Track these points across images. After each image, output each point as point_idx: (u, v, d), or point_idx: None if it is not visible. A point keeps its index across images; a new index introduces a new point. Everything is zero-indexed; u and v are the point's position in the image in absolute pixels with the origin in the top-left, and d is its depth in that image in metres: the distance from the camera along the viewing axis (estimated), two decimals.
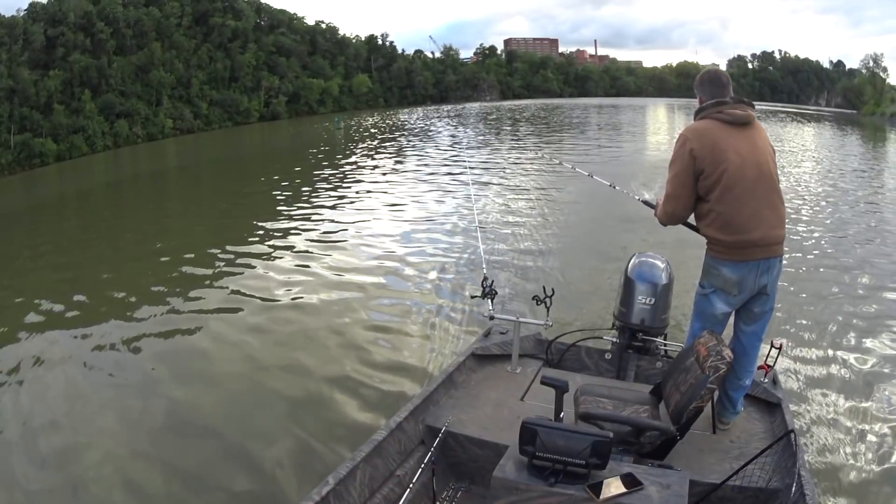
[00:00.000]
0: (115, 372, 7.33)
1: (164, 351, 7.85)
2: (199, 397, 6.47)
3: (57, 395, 6.72)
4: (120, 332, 8.52)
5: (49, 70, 55.49)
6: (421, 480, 3.53)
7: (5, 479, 5.20)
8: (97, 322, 9.14)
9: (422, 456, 3.84)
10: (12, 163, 47.74)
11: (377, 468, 3.63)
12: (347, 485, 3.35)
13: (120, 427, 5.95)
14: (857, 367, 6.82)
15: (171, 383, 6.85)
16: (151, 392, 6.64)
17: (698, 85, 4.12)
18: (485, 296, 5.15)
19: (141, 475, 5.15)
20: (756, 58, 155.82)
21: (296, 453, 5.29)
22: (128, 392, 6.68)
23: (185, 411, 6.18)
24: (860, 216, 14.95)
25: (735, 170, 3.82)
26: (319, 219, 15.33)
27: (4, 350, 8.27)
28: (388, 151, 32.70)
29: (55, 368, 7.51)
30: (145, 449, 5.52)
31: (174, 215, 20.23)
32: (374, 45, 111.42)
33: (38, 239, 17.60)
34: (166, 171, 38.41)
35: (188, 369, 7.23)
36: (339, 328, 8.01)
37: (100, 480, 5.16)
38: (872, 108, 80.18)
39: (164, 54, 68.75)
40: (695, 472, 3.51)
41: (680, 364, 3.95)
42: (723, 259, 3.97)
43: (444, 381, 4.58)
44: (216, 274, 11.22)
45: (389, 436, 3.79)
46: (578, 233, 12.89)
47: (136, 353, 7.93)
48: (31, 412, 6.35)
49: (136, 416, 6.13)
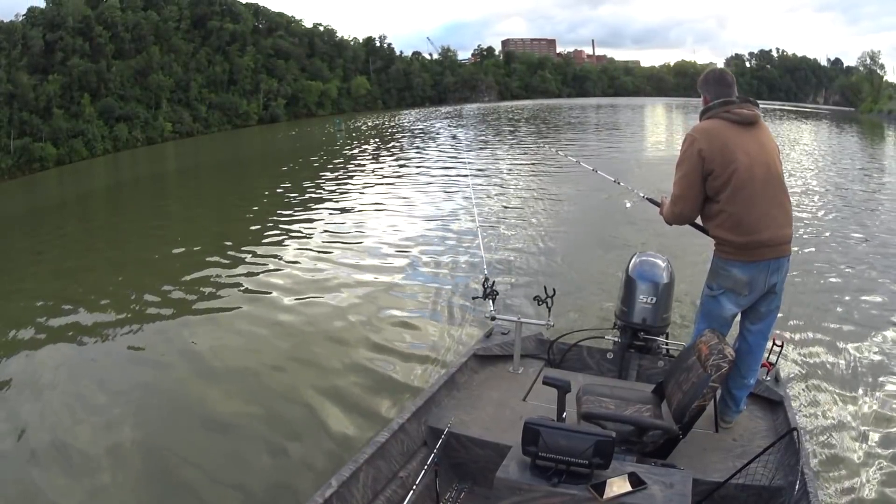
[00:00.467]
0: (117, 372, 7.37)
1: (171, 350, 7.87)
2: (204, 396, 6.49)
3: (60, 399, 6.74)
4: (123, 335, 8.59)
5: (48, 74, 55.68)
6: (424, 482, 3.55)
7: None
8: (99, 323, 9.21)
9: (424, 457, 3.84)
10: (12, 167, 47.86)
11: (380, 470, 3.62)
12: (350, 487, 3.35)
13: (127, 424, 5.97)
14: (861, 363, 6.81)
15: (179, 381, 6.93)
16: (159, 390, 6.72)
17: (703, 84, 4.06)
18: (486, 296, 5.16)
19: (146, 471, 5.20)
20: (754, 56, 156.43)
21: (292, 457, 5.26)
22: (135, 394, 6.68)
23: (186, 411, 6.21)
24: (862, 212, 14.97)
25: (744, 170, 3.78)
26: (320, 221, 15.37)
27: (5, 352, 8.33)
28: (388, 153, 32.77)
29: (56, 370, 7.55)
30: (156, 444, 5.55)
31: (176, 218, 20.22)
32: (372, 48, 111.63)
33: (39, 242, 17.67)
34: (167, 174, 38.62)
35: (192, 368, 7.26)
36: (338, 330, 8.01)
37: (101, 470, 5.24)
38: (870, 106, 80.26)
39: (163, 58, 68.94)
40: (698, 471, 3.51)
41: (682, 363, 3.96)
42: (732, 260, 3.94)
43: (447, 381, 4.57)
44: (217, 275, 11.24)
45: (392, 437, 3.78)
46: (579, 232, 12.90)
47: (140, 354, 7.97)
48: (27, 421, 6.32)
49: (141, 415, 6.15)
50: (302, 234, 14.01)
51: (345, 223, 14.80)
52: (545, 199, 16.38)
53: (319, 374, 6.80)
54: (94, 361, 7.89)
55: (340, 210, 16.74)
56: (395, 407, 5.77)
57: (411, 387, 6.28)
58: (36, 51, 56.09)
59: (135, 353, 8.02)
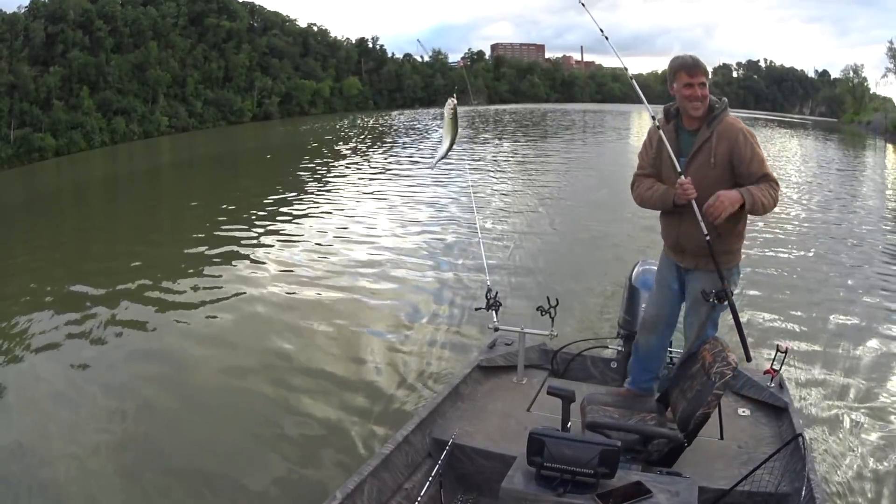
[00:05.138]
0: (101, 364, 7.57)
1: (153, 347, 8.06)
2: (195, 401, 6.57)
3: (47, 389, 6.88)
4: (110, 324, 8.83)
5: (49, 66, 56.27)
6: (429, 493, 3.54)
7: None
8: (87, 311, 9.46)
9: (429, 469, 3.82)
10: (12, 157, 48.38)
11: (385, 482, 3.62)
12: (355, 499, 3.33)
13: (109, 421, 6.08)
14: (864, 368, 6.92)
15: (169, 375, 7.13)
16: (148, 389, 6.81)
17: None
18: (489, 307, 5.18)
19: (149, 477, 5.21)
20: (741, 66, 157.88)
21: (290, 469, 5.24)
22: (117, 388, 6.81)
23: (181, 413, 6.28)
24: (857, 218, 15.72)
25: None
26: (320, 228, 15.10)
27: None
28: (385, 155, 33.17)
29: (41, 357, 7.85)
30: (151, 449, 5.60)
31: (171, 209, 20.74)
32: (365, 48, 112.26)
33: (36, 230, 17.98)
34: (163, 167, 39.51)
35: (174, 369, 7.34)
36: (341, 340, 7.99)
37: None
38: (851, 117, 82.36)
39: (161, 53, 69.60)
40: (703, 479, 3.51)
41: (685, 371, 3.96)
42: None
43: (451, 393, 4.56)
44: (210, 271, 11.43)
45: (396, 449, 3.78)
46: (583, 240, 13.08)
47: (126, 344, 8.23)
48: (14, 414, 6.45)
49: (123, 413, 6.22)
50: (298, 241, 13.71)
51: (343, 231, 14.55)
52: (549, 206, 16.51)
53: (318, 384, 6.77)
54: (70, 349, 8.10)
55: (338, 216, 16.37)
56: (399, 419, 5.64)
57: (415, 398, 6.28)
58: (37, 42, 56.69)
59: (110, 346, 8.19)
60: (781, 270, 10.88)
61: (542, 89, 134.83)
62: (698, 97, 3.96)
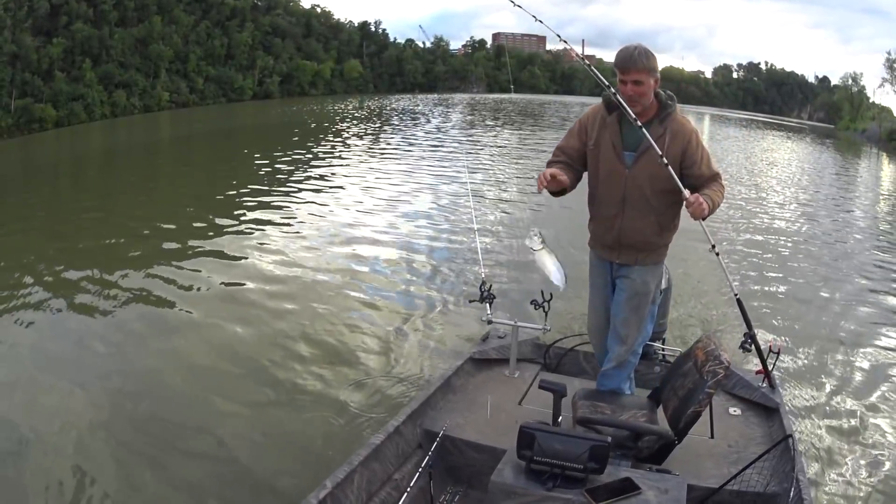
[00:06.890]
0: (86, 336, 7.51)
1: (145, 326, 7.93)
2: (185, 384, 6.44)
3: (36, 361, 6.81)
4: (104, 297, 8.80)
5: (52, 38, 55.90)
6: (418, 485, 3.52)
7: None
8: (79, 285, 9.38)
9: (419, 460, 3.81)
10: (12, 126, 48.25)
11: (375, 472, 3.62)
12: (345, 489, 3.34)
13: (90, 397, 6.01)
14: (855, 370, 6.98)
15: (160, 361, 6.94)
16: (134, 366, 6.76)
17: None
18: (483, 300, 5.18)
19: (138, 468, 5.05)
20: (742, 67, 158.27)
21: (279, 458, 5.16)
22: (109, 363, 6.77)
23: (173, 401, 6.10)
24: (851, 221, 15.98)
25: None
26: (313, 216, 14.76)
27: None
28: (384, 143, 32.88)
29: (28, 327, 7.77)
30: (143, 439, 5.44)
31: (169, 184, 20.60)
32: (367, 32, 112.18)
33: (32, 201, 17.62)
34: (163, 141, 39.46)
35: (166, 351, 7.19)
36: (332, 327, 7.84)
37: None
38: (847, 124, 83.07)
39: (164, 28, 69.27)
40: (693, 477, 3.54)
41: (678, 369, 3.97)
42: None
43: (442, 385, 4.57)
44: (206, 250, 11.33)
45: (387, 440, 3.78)
46: (578, 234, 12.71)
47: (116, 319, 8.13)
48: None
49: (108, 393, 6.14)
50: (295, 230, 13.32)
51: (338, 221, 14.13)
52: (544, 200, 15.50)
53: (308, 370, 6.70)
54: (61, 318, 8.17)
55: (333, 205, 15.87)
56: (390, 410, 5.61)
57: (406, 389, 6.22)
58: (41, 13, 56.26)
59: (99, 321, 8.11)
60: (774, 272, 11.02)
61: (542, 81, 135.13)
62: (629, 94, 3.90)
